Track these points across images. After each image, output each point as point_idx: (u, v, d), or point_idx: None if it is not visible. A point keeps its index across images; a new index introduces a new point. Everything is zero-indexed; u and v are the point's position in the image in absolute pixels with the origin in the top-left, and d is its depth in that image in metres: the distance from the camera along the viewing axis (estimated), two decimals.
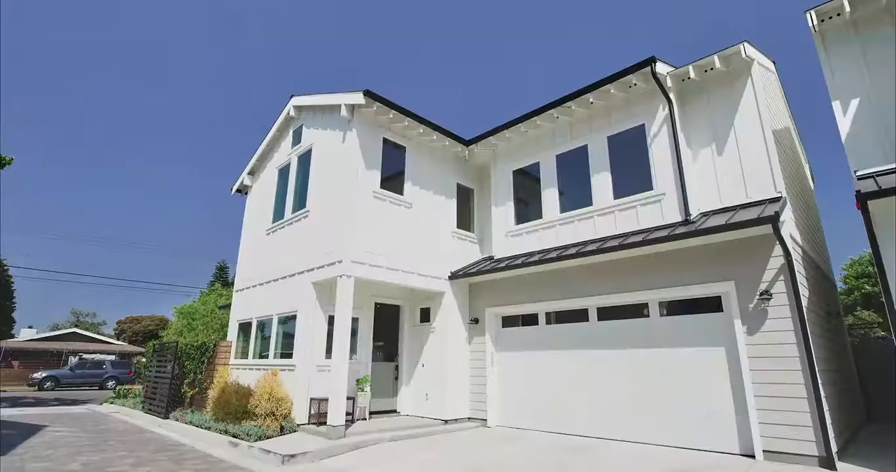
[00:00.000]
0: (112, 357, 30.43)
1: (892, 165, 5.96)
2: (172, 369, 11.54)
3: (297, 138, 11.04)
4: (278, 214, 11.00)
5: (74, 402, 17.85)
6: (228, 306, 15.84)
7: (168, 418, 10.79)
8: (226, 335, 16.33)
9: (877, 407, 9.89)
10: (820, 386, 5.82)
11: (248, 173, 12.62)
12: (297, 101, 10.91)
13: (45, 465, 6.34)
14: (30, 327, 45.11)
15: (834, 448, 5.69)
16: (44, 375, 25.08)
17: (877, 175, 5.95)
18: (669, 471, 5.66)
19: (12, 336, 34.28)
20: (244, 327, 11.13)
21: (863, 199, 5.30)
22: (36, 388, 24.50)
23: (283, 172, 11.26)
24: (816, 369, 5.85)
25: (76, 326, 48.65)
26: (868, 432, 8.39)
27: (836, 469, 5.47)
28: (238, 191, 13.06)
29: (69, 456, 6.92)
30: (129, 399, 15.89)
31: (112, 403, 15.79)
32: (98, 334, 43.76)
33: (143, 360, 35.50)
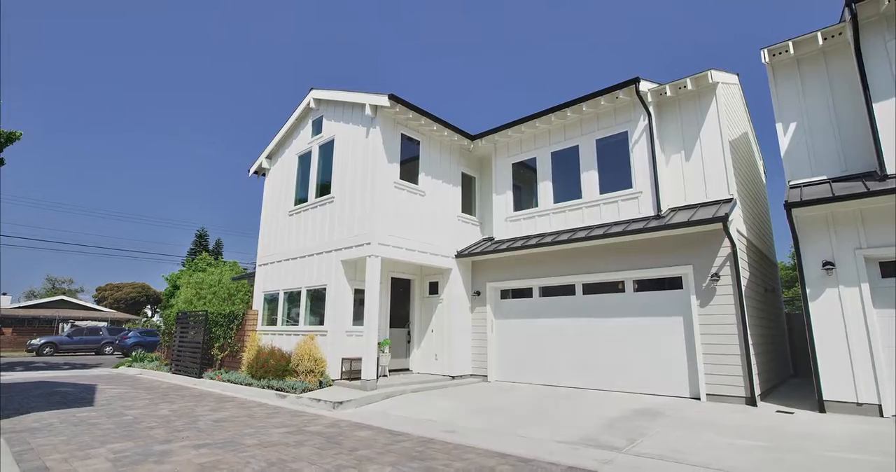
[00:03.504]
0: (105, 324, 31.18)
1: (815, 179, 7.72)
2: (203, 334, 12.86)
3: (317, 128, 12.13)
4: (301, 197, 12.19)
5: (85, 366, 18.52)
6: (241, 278, 17.08)
7: (202, 377, 12.17)
8: (234, 303, 17.63)
9: (803, 365, 12.15)
10: (750, 346, 7.71)
11: (266, 157, 13.64)
12: (317, 94, 11.95)
13: (139, 412, 7.72)
14: (4, 293, 44.91)
15: (757, 391, 7.63)
16: (42, 341, 25.75)
17: (803, 186, 7.70)
18: (634, 409, 7.49)
19: None
20: (270, 298, 12.48)
21: (788, 207, 7.03)
22: (34, 353, 25.19)
23: (304, 159, 12.39)
24: (748, 333, 7.73)
25: (64, 293, 48.46)
26: (790, 382, 10.60)
27: (756, 406, 7.42)
28: (255, 173, 14.10)
29: (150, 406, 8.28)
30: (148, 362, 17.10)
31: (130, 366, 16.77)
32: (76, 300, 43.96)
33: (130, 325, 36.32)
